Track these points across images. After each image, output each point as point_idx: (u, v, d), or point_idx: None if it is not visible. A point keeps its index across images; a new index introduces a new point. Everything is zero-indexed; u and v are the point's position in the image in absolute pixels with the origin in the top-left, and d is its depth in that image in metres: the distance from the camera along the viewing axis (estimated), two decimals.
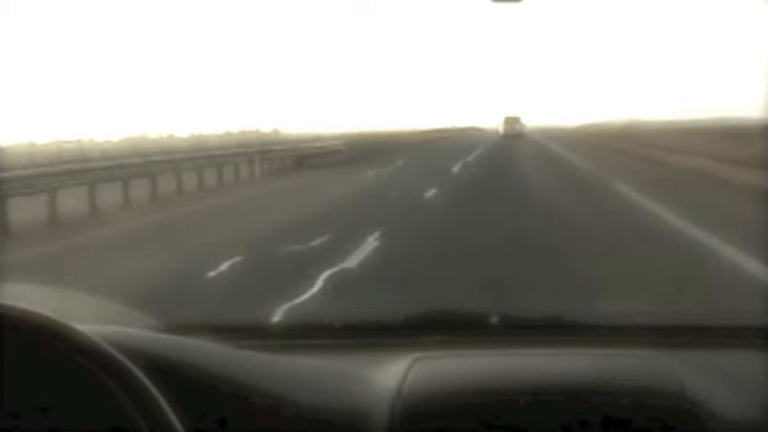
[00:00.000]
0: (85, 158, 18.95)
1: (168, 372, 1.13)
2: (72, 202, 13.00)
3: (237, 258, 7.55)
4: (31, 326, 1.00)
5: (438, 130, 78.62)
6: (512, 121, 57.78)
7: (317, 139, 36.07)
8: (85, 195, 13.64)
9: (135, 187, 15.24)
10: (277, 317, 5.25)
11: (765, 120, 13.90)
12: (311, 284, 6.29)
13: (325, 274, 6.69)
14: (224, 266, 7.20)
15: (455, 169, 22.48)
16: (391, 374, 1.36)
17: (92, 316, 1.40)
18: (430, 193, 14.81)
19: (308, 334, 1.75)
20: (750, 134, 15.60)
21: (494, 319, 1.72)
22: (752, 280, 5.99)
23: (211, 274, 6.96)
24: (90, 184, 13.90)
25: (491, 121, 74.30)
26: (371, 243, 8.43)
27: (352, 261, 7.44)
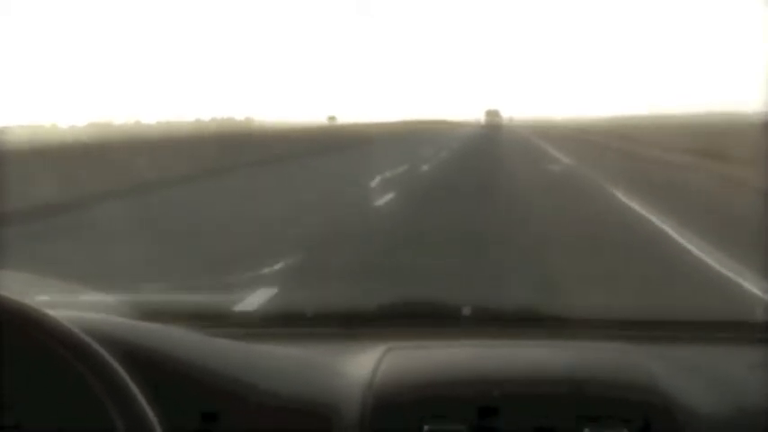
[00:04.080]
0: None
1: (142, 359, 1.13)
2: None
3: None
4: (5, 313, 1.00)
5: (410, 123, 78.34)
6: (492, 114, 70.67)
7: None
8: None
9: None
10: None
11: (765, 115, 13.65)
12: None
13: None
14: None
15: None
16: (363, 365, 1.36)
17: (66, 303, 1.40)
18: None
19: (281, 323, 1.75)
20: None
21: (466, 311, 1.72)
22: (732, 280, 5.96)
23: None
24: None
25: (477, 114, 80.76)
26: None
27: None
